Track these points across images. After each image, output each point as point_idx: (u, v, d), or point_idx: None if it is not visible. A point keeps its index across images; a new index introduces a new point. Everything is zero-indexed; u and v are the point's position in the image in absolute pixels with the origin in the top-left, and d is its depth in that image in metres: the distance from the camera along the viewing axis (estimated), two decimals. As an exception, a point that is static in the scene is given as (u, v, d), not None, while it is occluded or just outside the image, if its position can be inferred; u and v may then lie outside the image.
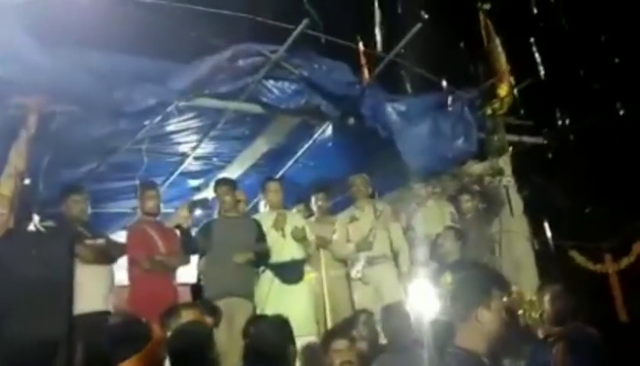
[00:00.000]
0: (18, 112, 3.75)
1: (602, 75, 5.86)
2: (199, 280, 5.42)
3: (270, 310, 4.38)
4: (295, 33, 4.39)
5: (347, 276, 5.26)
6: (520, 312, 3.90)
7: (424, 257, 5.22)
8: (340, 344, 3.40)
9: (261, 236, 4.85)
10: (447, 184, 5.82)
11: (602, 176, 6.13)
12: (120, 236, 4.92)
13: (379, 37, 4.44)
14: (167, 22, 4.19)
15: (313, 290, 5.07)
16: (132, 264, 4.47)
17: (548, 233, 5.48)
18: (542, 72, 5.26)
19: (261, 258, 4.79)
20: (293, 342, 2.76)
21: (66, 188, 4.44)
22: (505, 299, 4.23)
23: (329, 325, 5.05)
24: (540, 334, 3.44)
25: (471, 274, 2.21)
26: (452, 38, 5.53)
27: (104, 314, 4.21)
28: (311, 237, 5.10)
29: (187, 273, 5.19)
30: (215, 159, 5.69)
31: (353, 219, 5.37)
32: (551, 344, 3.22)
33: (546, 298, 3.43)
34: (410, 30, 4.79)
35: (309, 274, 5.06)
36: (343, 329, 3.83)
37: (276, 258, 4.78)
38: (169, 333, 2.57)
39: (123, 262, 4.54)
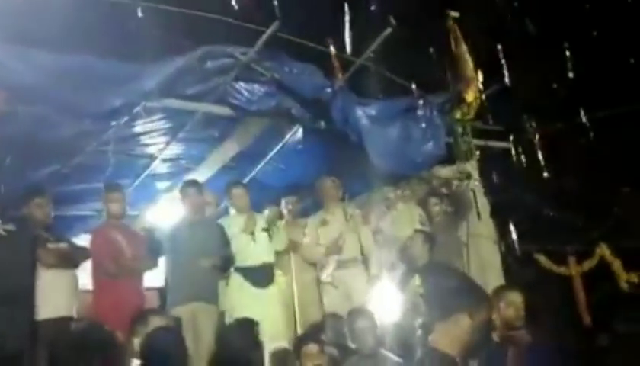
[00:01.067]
0: (-22, 111, 3.63)
1: (568, 80, 6.00)
2: (167, 284, 5.33)
3: (239, 314, 4.33)
4: (265, 35, 4.38)
5: (317, 279, 5.24)
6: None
7: (393, 260, 5.25)
8: (311, 348, 3.48)
9: (225, 241, 4.79)
10: (416, 188, 5.86)
11: (566, 181, 6.27)
12: (84, 240, 4.81)
13: (348, 41, 4.45)
14: (134, 22, 4.12)
15: (283, 294, 5.03)
16: (97, 268, 4.36)
17: (514, 236, 5.57)
18: (509, 78, 5.34)
19: (226, 263, 4.73)
20: (259, 347, 2.74)
21: (29, 191, 4.32)
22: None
23: (299, 328, 5.04)
24: (495, 337, 3.49)
25: (451, 280, 2.23)
26: (422, 43, 5.58)
27: (68, 320, 4.10)
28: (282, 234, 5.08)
29: (155, 277, 5.09)
30: (183, 161, 5.62)
31: (323, 222, 5.36)
32: (505, 348, 3.29)
33: (501, 304, 3.50)
34: (380, 35, 4.82)
35: (279, 278, 5.02)
36: (313, 333, 3.86)
37: (246, 261, 4.72)
38: (137, 339, 2.51)
39: (87, 266, 4.43)
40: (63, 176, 4.95)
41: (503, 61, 5.04)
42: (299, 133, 5.56)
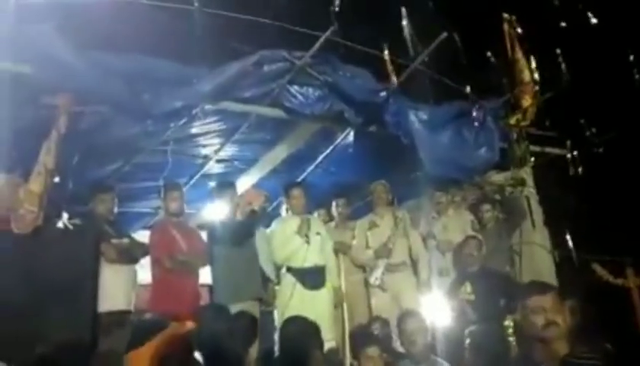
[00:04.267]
0: (49, 111, 3.83)
1: (627, 86, 5.81)
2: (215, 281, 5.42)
3: (290, 315, 4.40)
4: (320, 40, 4.43)
5: (366, 282, 5.26)
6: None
7: (443, 265, 5.21)
8: (373, 351, 3.46)
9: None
10: (468, 194, 5.81)
11: (625, 189, 6.07)
12: (142, 236, 4.98)
13: (409, 45, 4.45)
14: (195, 27, 4.25)
15: (333, 296, 5.06)
16: (155, 263, 4.51)
17: (570, 245, 5.42)
18: (568, 83, 5.21)
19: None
20: (321, 347, 2.76)
21: (95, 187, 4.51)
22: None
23: (347, 330, 5.07)
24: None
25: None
26: (477, 47, 5.51)
27: (126, 313, 4.27)
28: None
29: (206, 274, 5.21)
30: (236, 162, 5.75)
31: (372, 225, 5.38)
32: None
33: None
34: (435, 39, 4.80)
35: (331, 281, 5.05)
36: (373, 336, 3.85)
37: (299, 263, 4.79)
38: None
39: (145, 261, 4.59)
40: (124, 174, 5.16)
41: (562, 65, 4.92)
42: (350, 136, 5.60)
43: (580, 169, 5.24)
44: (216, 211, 5.07)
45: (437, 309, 4.58)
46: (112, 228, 4.40)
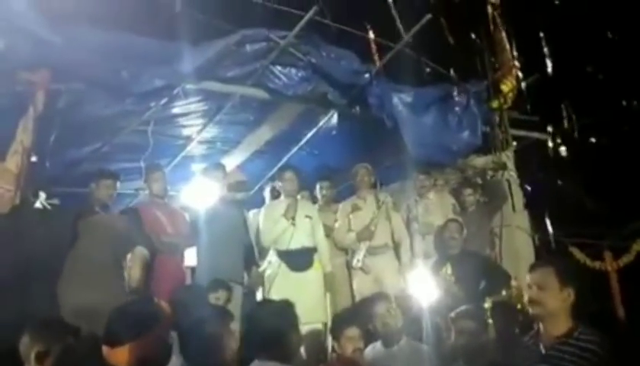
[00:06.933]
0: (25, 88, 3.74)
1: (608, 71, 5.87)
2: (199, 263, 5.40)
3: (274, 296, 4.40)
4: (304, 20, 4.39)
5: (348, 265, 5.27)
6: (519, 306, 3.91)
7: (425, 248, 5.24)
8: (353, 331, 3.44)
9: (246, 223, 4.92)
10: (450, 177, 5.84)
11: (604, 174, 6.16)
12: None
13: (399, 26, 4.42)
14: (175, 4, 4.17)
15: (319, 278, 5.04)
16: (140, 245, 4.46)
17: (549, 229, 5.50)
18: (550, 68, 5.25)
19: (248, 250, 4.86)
20: (297, 329, 2.74)
21: (101, 171, 4.43)
22: (504, 292, 4.21)
23: (329, 312, 5.08)
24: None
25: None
26: (461, 30, 5.51)
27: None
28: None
29: (188, 256, 5.18)
30: (219, 144, 5.69)
31: (355, 208, 5.37)
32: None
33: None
34: (419, 22, 4.78)
35: (318, 263, 5.03)
36: (353, 317, 3.84)
37: (285, 245, 4.79)
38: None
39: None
40: (104, 155, 5.07)
41: (544, 50, 4.94)
42: (334, 118, 5.57)
43: (559, 153, 5.30)
44: (198, 193, 5.04)
45: (418, 292, 4.60)
46: (104, 212, 4.33)
